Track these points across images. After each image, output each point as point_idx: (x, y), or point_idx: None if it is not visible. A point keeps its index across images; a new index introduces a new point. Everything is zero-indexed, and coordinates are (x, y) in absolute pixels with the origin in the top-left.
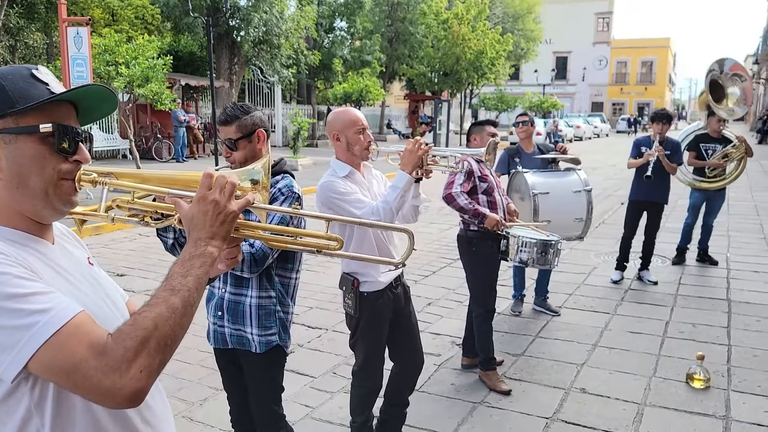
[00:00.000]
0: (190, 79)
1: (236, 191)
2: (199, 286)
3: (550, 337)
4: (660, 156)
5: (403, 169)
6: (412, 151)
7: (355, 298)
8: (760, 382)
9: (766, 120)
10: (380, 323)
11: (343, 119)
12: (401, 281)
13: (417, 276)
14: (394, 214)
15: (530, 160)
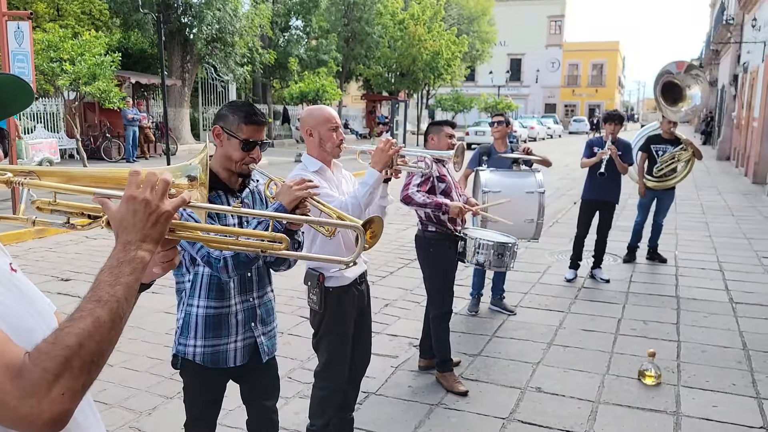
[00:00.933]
0: (140, 77)
1: (171, 189)
2: (129, 295)
3: (506, 336)
4: (613, 155)
5: (373, 167)
6: (384, 150)
7: (320, 293)
8: (708, 377)
9: (709, 122)
10: (345, 320)
11: (317, 116)
12: (365, 278)
13: (374, 277)
14: (362, 211)
15: (499, 159)
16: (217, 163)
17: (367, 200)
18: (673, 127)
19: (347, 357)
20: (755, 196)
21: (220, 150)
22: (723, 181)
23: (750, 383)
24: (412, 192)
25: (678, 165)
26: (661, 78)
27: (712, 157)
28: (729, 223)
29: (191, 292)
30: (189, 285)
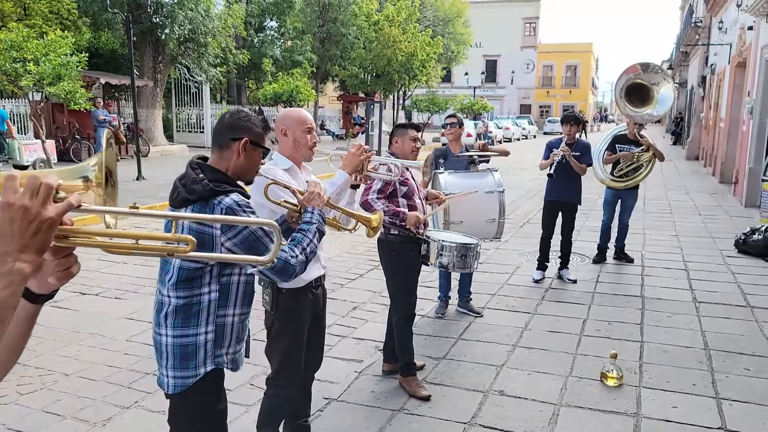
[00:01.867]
0: (110, 77)
1: (60, 193)
2: (3, 311)
3: (472, 338)
4: (567, 156)
5: (343, 169)
6: (355, 154)
7: (273, 293)
8: (669, 378)
9: (679, 122)
10: (299, 323)
11: (293, 116)
12: (322, 282)
13: (343, 279)
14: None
15: (455, 161)
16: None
17: (333, 200)
18: (638, 129)
19: (300, 362)
20: (722, 195)
21: (243, 162)
22: (691, 181)
23: (710, 383)
24: (372, 199)
25: (639, 166)
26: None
27: (682, 157)
28: (696, 222)
29: (222, 302)
30: (216, 295)
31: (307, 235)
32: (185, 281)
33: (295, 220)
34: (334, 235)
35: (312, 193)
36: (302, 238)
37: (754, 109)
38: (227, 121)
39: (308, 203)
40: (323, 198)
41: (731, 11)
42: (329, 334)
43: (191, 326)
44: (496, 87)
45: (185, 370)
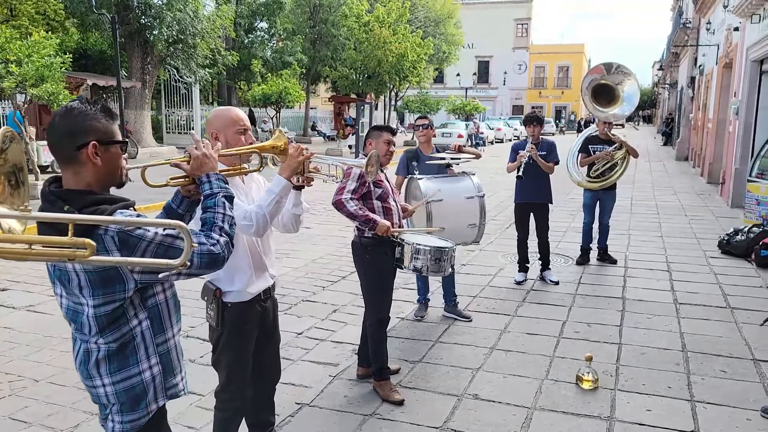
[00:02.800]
0: (98, 78)
1: None
2: None
3: (450, 341)
4: (534, 156)
5: (280, 174)
6: (293, 156)
7: (218, 309)
8: (645, 381)
9: (669, 123)
10: (245, 338)
11: (223, 117)
12: (271, 294)
13: (325, 282)
14: (268, 221)
15: (427, 163)
16: (104, 184)
17: (274, 209)
18: (608, 128)
19: (247, 376)
20: (709, 195)
21: (103, 168)
22: (680, 181)
23: (685, 386)
24: (345, 198)
25: (614, 164)
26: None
27: (671, 158)
28: (681, 223)
29: (157, 328)
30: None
31: (216, 210)
32: (108, 325)
33: (196, 191)
34: (319, 237)
35: (197, 158)
36: (213, 217)
37: (739, 110)
38: (61, 126)
39: (199, 172)
40: (213, 156)
41: (719, 12)
42: (307, 338)
43: (132, 365)
44: (488, 88)
45: (135, 412)
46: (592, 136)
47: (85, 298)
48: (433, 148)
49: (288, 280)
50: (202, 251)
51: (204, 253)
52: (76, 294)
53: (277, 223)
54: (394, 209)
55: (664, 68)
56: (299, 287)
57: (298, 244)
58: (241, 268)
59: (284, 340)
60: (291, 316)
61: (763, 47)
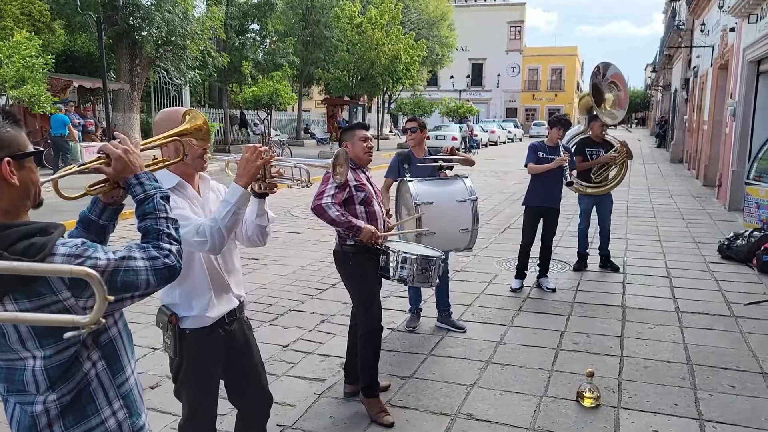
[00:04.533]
0: (84, 80)
1: None
2: None
3: (443, 354)
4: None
5: (237, 182)
6: (250, 160)
7: (174, 336)
8: (650, 397)
9: (663, 125)
10: (207, 367)
11: (173, 120)
12: (238, 316)
13: (314, 290)
14: (225, 236)
15: (419, 166)
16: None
17: (230, 222)
18: (604, 131)
19: (213, 405)
20: (705, 198)
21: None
22: (675, 184)
23: (692, 402)
24: (326, 204)
25: (613, 169)
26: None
27: (666, 160)
28: (679, 226)
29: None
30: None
31: (158, 214)
32: (61, 376)
33: (122, 196)
34: (309, 242)
35: (120, 158)
36: (156, 224)
37: (736, 111)
38: None
39: (125, 173)
40: (136, 153)
41: (713, 13)
42: (292, 351)
43: (91, 416)
44: (482, 90)
45: None
46: (586, 138)
47: (29, 351)
48: (425, 151)
49: (275, 288)
50: (157, 267)
51: (160, 269)
52: (13, 350)
53: (242, 236)
54: (379, 214)
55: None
56: (287, 296)
57: (287, 250)
58: (198, 290)
59: (269, 353)
60: (277, 327)
61: (761, 47)
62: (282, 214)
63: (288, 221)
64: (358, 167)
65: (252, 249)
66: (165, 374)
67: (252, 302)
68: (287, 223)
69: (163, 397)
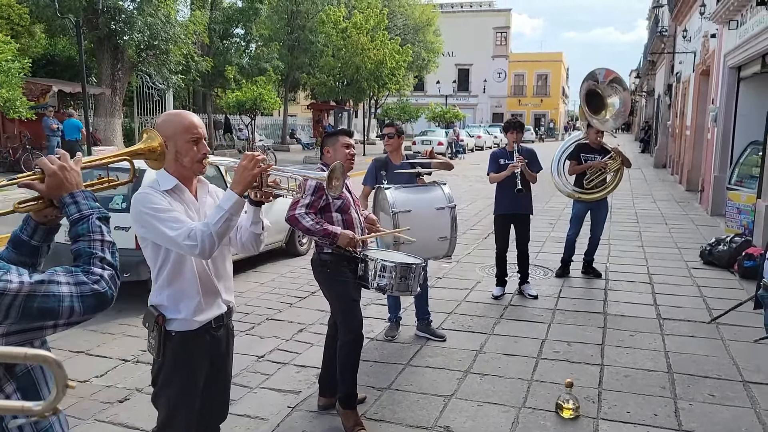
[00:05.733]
0: (64, 85)
1: None
2: None
3: (421, 364)
4: (522, 167)
5: (233, 189)
6: (246, 168)
7: (160, 337)
8: (630, 407)
9: (647, 130)
10: (191, 372)
11: (175, 123)
12: (225, 322)
13: (293, 298)
14: (215, 241)
15: (397, 173)
16: None
17: (222, 228)
18: (600, 137)
19: (191, 414)
20: (688, 203)
21: None
22: (658, 189)
23: (672, 412)
24: (300, 214)
25: (608, 175)
26: (586, 83)
27: (650, 165)
28: (662, 231)
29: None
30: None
31: (93, 236)
32: None
33: (56, 216)
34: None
35: (54, 175)
36: (90, 246)
37: (717, 117)
38: None
39: (60, 191)
40: (75, 170)
41: (695, 19)
42: (268, 362)
43: None
44: (468, 96)
45: None
46: (582, 144)
47: None
48: (403, 157)
49: (252, 297)
50: (83, 293)
51: (87, 295)
52: None
53: (236, 242)
54: (357, 221)
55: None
56: (264, 304)
57: (269, 257)
58: (188, 294)
59: (244, 364)
60: (253, 336)
61: (741, 53)
62: None
63: None
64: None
65: None
66: (135, 387)
67: None
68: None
69: (131, 411)
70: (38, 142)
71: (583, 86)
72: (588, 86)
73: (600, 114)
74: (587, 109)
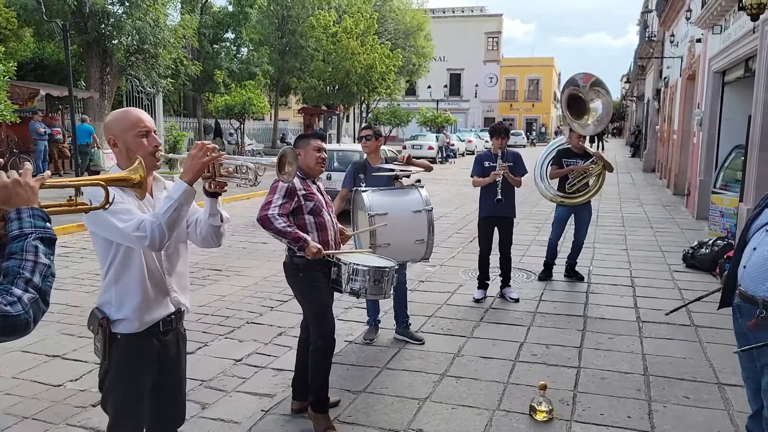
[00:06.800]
0: (52, 89)
1: None
2: None
3: (398, 367)
4: (505, 174)
5: (182, 178)
6: (196, 156)
7: (104, 340)
8: (604, 409)
9: (637, 135)
10: (136, 375)
11: (121, 120)
12: (174, 326)
13: (274, 302)
14: (165, 233)
15: (375, 176)
16: None
17: (172, 218)
18: (581, 141)
19: (138, 418)
20: (675, 207)
21: None
22: (646, 193)
23: (646, 414)
24: (272, 214)
25: (590, 180)
26: (567, 88)
27: (639, 169)
28: (647, 235)
29: None
30: None
31: (25, 256)
32: None
33: (4, 232)
34: (275, 253)
35: (5, 188)
36: (18, 266)
37: (702, 121)
38: None
39: (7, 205)
40: (30, 186)
41: (682, 25)
42: (245, 365)
43: None
44: (460, 100)
45: None
46: (565, 148)
47: None
48: (381, 160)
49: (234, 300)
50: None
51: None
52: None
53: (195, 237)
54: (329, 224)
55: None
56: (245, 308)
57: (251, 260)
58: (132, 290)
59: (220, 368)
60: (232, 340)
61: (725, 58)
62: (249, 224)
63: (254, 231)
64: (308, 177)
65: (215, 260)
66: None
67: (209, 314)
68: (253, 234)
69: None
70: (26, 147)
71: (564, 92)
72: (570, 91)
73: (582, 118)
74: (569, 113)
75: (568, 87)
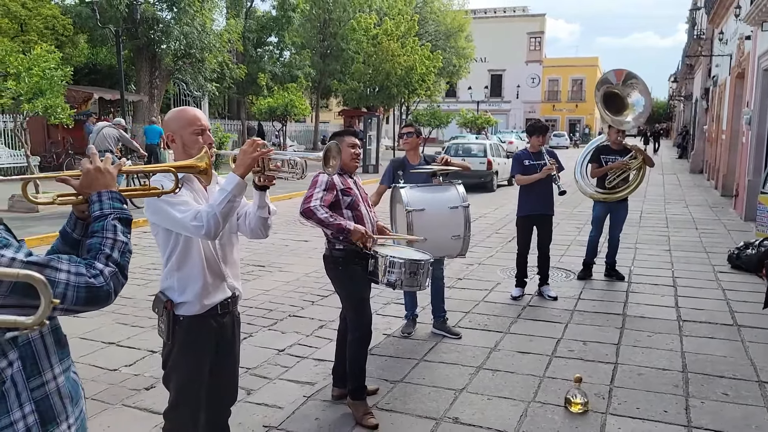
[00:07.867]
0: (104, 92)
1: None
2: None
3: (435, 360)
4: (556, 173)
5: (234, 171)
6: (247, 152)
7: (168, 321)
8: (640, 404)
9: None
10: (198, 354)
11: (179, 118)
12: (230, 309)
13: (315, 296)
14: (220, 222)
15: (414, 173)
16: None
17: (226, 209)
18: (621, 137)
19: (200, 397)
20: (722, 208)
21: None
22: (693, 194)
23: (683, 410)
24: (314, 206)
25: (630, 174)
26: (601, 87)
27: (686, 171)
28: (691, 236)
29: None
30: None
31: (105, 234)
32: None
33: (89, 213)
34: (316, 250)
35: (88, 173)
36: (100, 243)
37: (752, 120)
38: None
39: (89, 189)
40: (109, 171)
41: (731, 22)
42: (288, 355)
43: (1, 416)
44: (501, 101)
45: None
46: (603, 146)
47: None
48: (420, 158)
49: (277, 295)
50: (78, 283)
51: (81, 286)
52: None
53: (245, 228)
54: (366, 217)
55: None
56: (288, 302)
57: (294, 257)
58: (193, 277)
59: (264, 357)
60: (275, 331)
61: None
62: (291, 223)
63: (297, 229)
64: (345, 172)
65: (258, 256)
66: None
67: (253, 307)
68: (295, 232)
69: (156, 398)
70: (81, 147)
71: (599, 91)
72: (605, 90)
73: (622, 114)
74: (605, 110)
75: (603, 86)
